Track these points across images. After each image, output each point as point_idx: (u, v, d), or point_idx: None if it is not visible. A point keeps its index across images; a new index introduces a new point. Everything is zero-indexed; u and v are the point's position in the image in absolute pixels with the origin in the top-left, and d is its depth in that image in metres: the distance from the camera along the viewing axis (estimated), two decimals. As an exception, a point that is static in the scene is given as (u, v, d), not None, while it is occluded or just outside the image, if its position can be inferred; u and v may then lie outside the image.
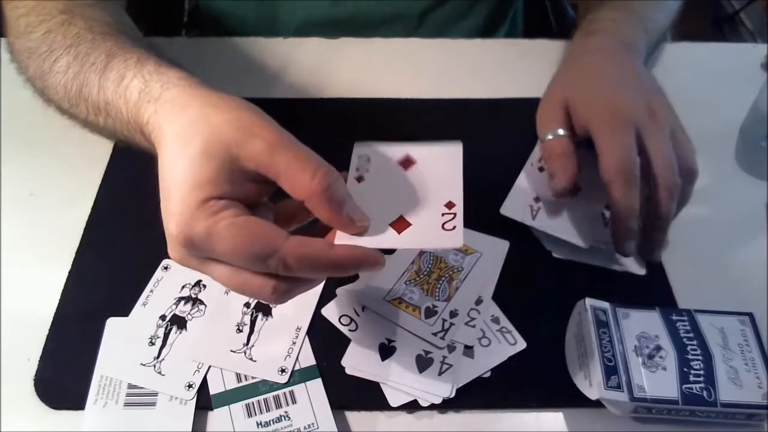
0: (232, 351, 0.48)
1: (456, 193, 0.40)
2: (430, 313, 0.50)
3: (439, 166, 0.42)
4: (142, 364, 0.47)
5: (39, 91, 0.49)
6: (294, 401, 0.46)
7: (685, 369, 0.45)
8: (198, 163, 0.35)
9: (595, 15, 0.62)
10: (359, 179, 0.43)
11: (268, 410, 0.46)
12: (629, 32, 0.60)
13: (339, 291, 0.52)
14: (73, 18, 0.46)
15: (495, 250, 0.54)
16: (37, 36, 0.47)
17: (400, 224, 0.39)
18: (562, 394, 0.47)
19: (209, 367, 0.47)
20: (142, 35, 0.49)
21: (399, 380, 0.46)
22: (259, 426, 0.45)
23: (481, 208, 0.56)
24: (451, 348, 0.48)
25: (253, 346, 0.48)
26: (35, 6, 0.48)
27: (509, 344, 0.49)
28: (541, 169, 0.57)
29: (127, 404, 0.46)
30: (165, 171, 0.37)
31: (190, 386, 0.46)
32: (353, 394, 0.47)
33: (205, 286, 0.52)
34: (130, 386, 0.46)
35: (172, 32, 0.87)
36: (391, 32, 0.74)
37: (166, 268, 0.53)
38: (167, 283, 0.52)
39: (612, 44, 0.59)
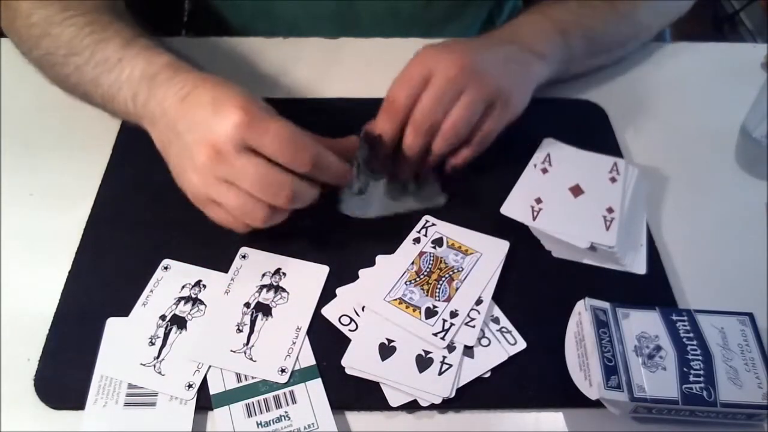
0: (232, 351, 0.48)
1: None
2: (430, 313, 0.50)
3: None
4: (142, 364, 0.47)
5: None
6: (294, 401, 0.46)
7: (685, 369, 0.45)
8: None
9: (513, 20, 0.64)
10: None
11: (268, 410, 0.46)
12: (529, 34, 0.61)
13: (339, 291, 0.52)
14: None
15: (495, 250, 0.54)
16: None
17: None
18: (562, 394, 0.47)
19: (209, 367, 0.47)
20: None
21: (399, 380, 0.46)
22: (259, 426, 0.45)
23: (481, 208, 0.56)
24: (451, 348, 0.48)
25: (253, 346, 0.48)
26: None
27: (509, 344, 0.49)
28: (544, 171, 0.58)
29: (127, 404, 0.46)
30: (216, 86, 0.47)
31: (190, 386, 0.46)
32: (353, 394, 0.47)
33: (205, 286, 0.52)
34: (130, 386, 0.46)
35: (172, 32, 0.87)
36: (383, 30, 0.74)
37: (166, 268, 0.53)
38: (167, 283, 0.52)
39: (493, 39, 0.61)
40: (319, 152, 0.47)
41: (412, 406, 0.46)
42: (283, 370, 0.47)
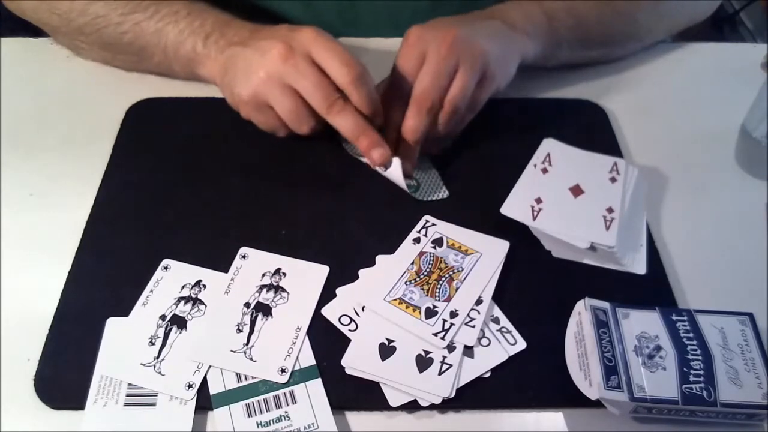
0: (232, 351, 0.48)
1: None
2: (430, 313, 0.50)
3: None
4: (142, 364, 0.47)
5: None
6: (294, 401, 0.46)
7: (685, 369, 0.45)
8: None
9: (501, 3, 0.66)
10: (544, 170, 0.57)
11: (268, 410, 0.46)
12: (514, 13, 0.63)
13: (339, 291, 0.52)
14: None
15: (495, 250, 0.54)
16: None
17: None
18: (562, 394, 0.47)
19: (209, 367, 0.47)
20: None
21: (399, 380, 0.46)
22: (259, 426, 0.45)
23: (481, 208, 0.57)
24: (451, 348, 0.48)
25: (253, 346, 0.48)
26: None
27: (509, 344, 0.49)
28: (544, 171, 0.58)
29: (127, 404, 0.46)
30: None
31: (190, 386, 0.46)
32: (353, 394, 0.47)
33: (205, 286, 0.52)
34: (130, 386, 0.46)
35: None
36: (386, 32, 0.74)
37: (166, 268, 0.53)
38: (167, 283, 0.52)
39: (476, 15, 0.62)
40: (365, 75, 0.54)
41: (412, 406, 0.46)
42: (283, 370, 0.47)
